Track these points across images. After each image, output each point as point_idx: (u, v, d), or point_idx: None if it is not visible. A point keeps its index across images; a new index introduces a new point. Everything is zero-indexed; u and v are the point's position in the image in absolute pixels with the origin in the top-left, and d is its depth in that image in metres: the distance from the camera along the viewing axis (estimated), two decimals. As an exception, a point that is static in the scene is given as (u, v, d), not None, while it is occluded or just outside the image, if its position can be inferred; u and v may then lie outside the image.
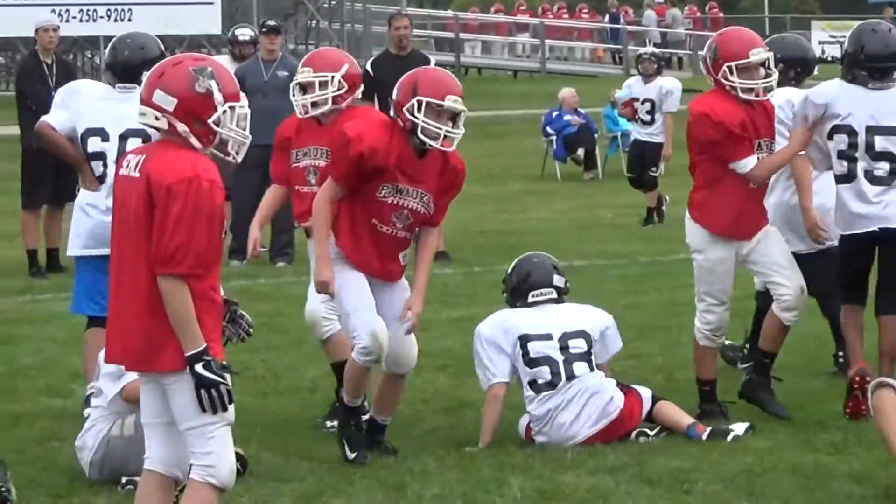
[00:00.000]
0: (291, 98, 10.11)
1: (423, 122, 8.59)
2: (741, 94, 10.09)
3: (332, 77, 9.45)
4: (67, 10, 35.50)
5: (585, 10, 58.46)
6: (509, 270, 10.09)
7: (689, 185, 11.10)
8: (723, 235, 10.23)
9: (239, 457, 8.51)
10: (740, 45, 10.22)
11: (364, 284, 9.02)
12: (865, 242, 10.57)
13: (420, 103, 8.63)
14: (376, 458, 9.48)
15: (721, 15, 61.21)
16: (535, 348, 9.83)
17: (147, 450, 6.96)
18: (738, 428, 9.58)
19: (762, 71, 10.15)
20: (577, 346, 9.94)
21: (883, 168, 10.50)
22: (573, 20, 56.64)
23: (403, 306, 9.12)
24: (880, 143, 10.48)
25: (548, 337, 9.93)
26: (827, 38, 55.76)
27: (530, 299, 10.03)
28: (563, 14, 56.60)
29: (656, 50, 24.28)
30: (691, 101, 10.87)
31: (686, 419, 10.13)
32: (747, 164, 10.04)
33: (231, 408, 6.68)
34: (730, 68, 10.05)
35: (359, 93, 10.22)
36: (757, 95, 10.12)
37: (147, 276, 6.71)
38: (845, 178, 10.50)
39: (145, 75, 8.56)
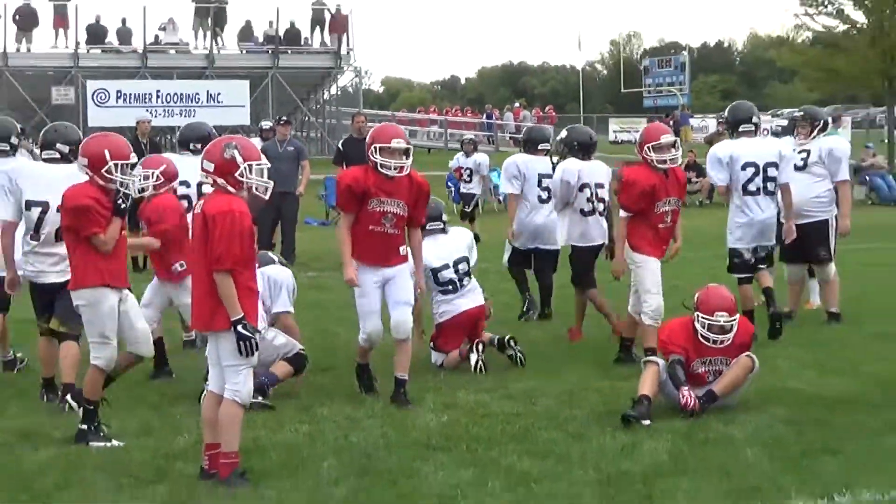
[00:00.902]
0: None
1: (379, 159, 10.81)
2: (657, 166, 12.40)
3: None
4: (155, 109, 47.60)
5: (471, 111, 78.55)
6: None
7: (495, 223, 14.17)
8: (651, 255, 12.48)
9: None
10: (656, 133, 12.58)
11: (374, 294, 11.14)
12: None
13: (376, 148, 10.86)
14: (374, 400, 11.36)
15: (555, 114, 76.88)
16: (442, 276, 13.04)
17: (210, 380, 9.10)
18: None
19: (672, 150, 12.40)
20: (462, 266, 13.26)
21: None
22: (464, 117, 73.69)
23: (413, 286, 11.26)
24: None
25: (446, 267, 13.15)
26: (619, 128, 75.30)
27: (429, 227, 12.65)
28: (458, 113, 75.18)
29: (471, 137, 31.31)
30: (626, 167, 13.33)
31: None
32: (624, 213, 12.52)
33: (256, 355, 8.75)
34: (649, 148, 12.34)
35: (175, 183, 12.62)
36: (664, 164, 12.36)
37: (207, 272, 8.75)
38: None
39: (195, 146, 12.02)
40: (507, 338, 13.06)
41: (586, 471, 9.04)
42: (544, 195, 14.66)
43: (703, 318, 10.78)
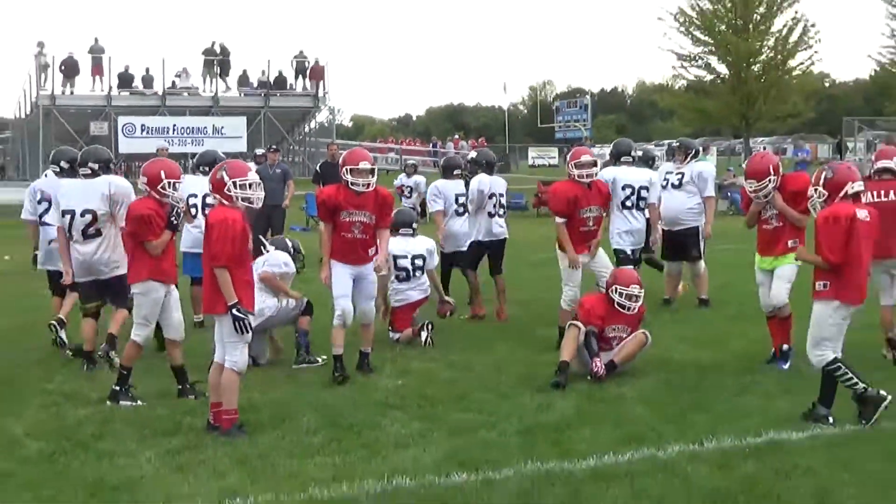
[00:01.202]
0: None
1: (350, 179, 10.71)
2: (578, 179, 12.24)
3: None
4: (171, 139, 48.03)
5: (420, 141, 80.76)
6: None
7: (426, 230, 13.95)
8: (577, 253, 12.23)
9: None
10: (578, 154, 12.39)
11: (346, 281, 10.89)
12: None
13: (347, 170, 10.74)
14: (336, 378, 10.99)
15: (487, 144, 76.01)
16: (399, 263, 12.96)
17: (216, 352, 9.09)
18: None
19: (592, 169, 12.23)
20: (418, 261, 13.32)
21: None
22: (414, 146, 73.94)
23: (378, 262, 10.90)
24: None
25: (405, 257, 13.08)
26: (536, 155, 77.70)
27: (401, 231, 13.26)
28: (410, 143, 76.05)
29: (413, 161, 29.02)
30: (557, 182, 13.12)
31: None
32: (559, 219, 12.28)
33: (249, 333, 8.82)
34: (573, 165, 12.19)
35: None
36: (582, 178, 12.17)
37: (209, 268, 8.87)
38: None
39: (204, 168, 11.94)
40: (427, 322, 13.03)
41: (511, 423, 9.09)
42: (461, 210, 14.65)
43: (620, 289, 10.99)
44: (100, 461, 8.25)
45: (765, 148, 71.60)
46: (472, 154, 15.37)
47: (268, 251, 12.22)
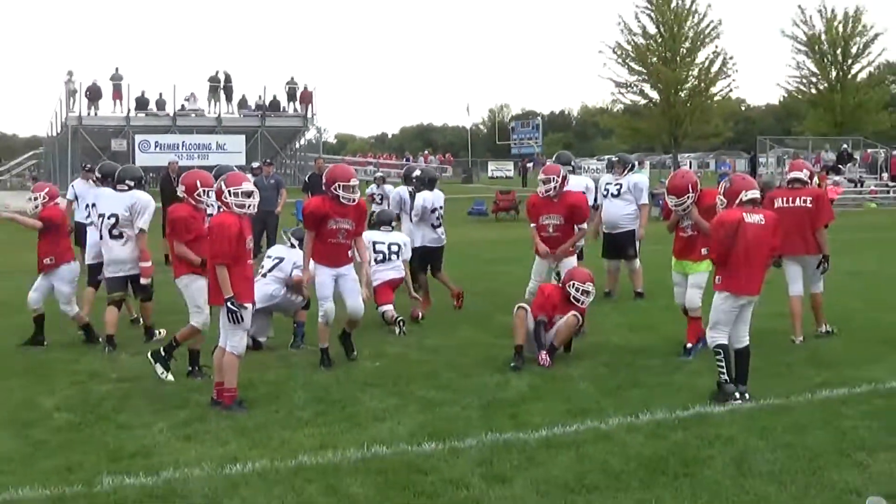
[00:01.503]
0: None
1: (341, 193, 10.33)
2: (539, 192, 12.21)
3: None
4: (181, 154, 47.72)
5: (395, 156, 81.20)
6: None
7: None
8: (538, 252, 12.23)
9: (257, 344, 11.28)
10: (543, 171, 12.25)
11: (330, 284, 10.47)
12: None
13: (339, 185, 10.35)
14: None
15: (452, 159, 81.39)
16: (377, 247, 13.04)
17: (220, 338, 8.98)
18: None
19: (550, 184, 12.03)
20: (394, 248, 13.48)
21: None
22: (389, 160, 73.29)
23: (359, 279, 10.60)
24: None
25: (382, 243, 13.21)
26: (495, 168, 76.67)
27: (381, 228, 13.62)
28: (386, 158, 75.84)
29: (380, 173, 27.24)
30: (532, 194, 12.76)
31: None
32: (532, 224, 12.33)
33: (247, 321, 8.77)
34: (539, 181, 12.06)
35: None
36: (542, 193, 12.12)
37: (211, 264, 8.83)
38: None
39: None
40: (399, 319, 12.90)
41: (472, 399, 9.06)
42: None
43: (578, 285, 10.89)
44: (119, 431, 8.30)
45: (690, 164, 72.50)
46: (417, 172, 15.29)
47: (293, 245, 12.07)
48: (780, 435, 7.70)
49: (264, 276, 11.67)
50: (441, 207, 14.76)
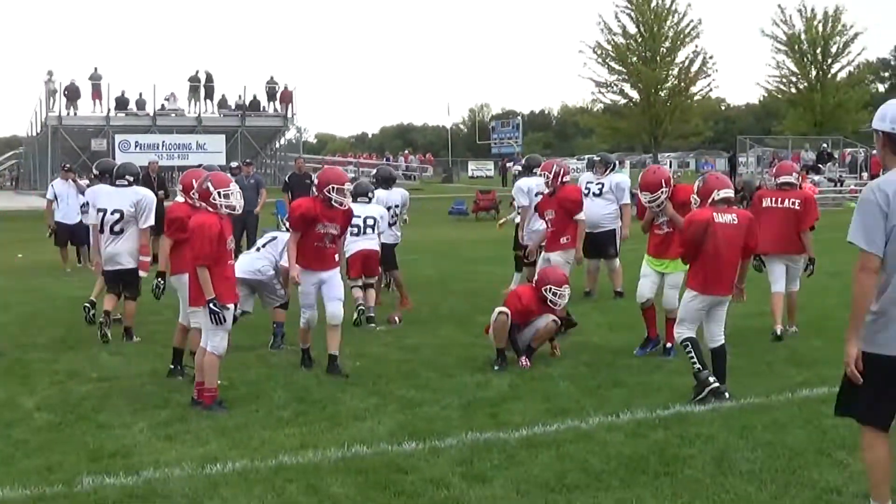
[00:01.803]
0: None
1: (334, 196, 10.16)
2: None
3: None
4: (161, 154, 47.35)
5: (375, 155, 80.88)
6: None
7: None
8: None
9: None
10: (544, 168, 12.88)
11: (313, 291, 10.27)
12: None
13: (332, 188, 10.19)
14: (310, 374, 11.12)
15: (433, 158, 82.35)
16: (354, 221, 11.93)
17: (202, 338, 8.96)
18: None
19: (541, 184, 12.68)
20: (370, 221, 13.48)
21: None
22: (370, 160, 72.67)
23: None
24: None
25: (358, 217, 12.63)
26: (475, 168, 77.70)
27: (357, 200, 12.95)
28: (367, 157, 76.01)
29: (364, 181, 27.87)
30: None
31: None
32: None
33: (228, 322, 8.76)
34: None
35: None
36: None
37: (193, 266, 8.78)
38: None
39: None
40: (360, 306, 13.24)
41: (453, 398, 9.06)
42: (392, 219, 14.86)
43: (554, 289, 10.77)
44: (99, 431, 8.28)
45: (671, 163, 72.64)
46: (374, 171, 15.61)
47: (288, 229, 12.09)
48: (761, 434, 7.71)
49: (258, 250, 11.89)
50: (398, 206, 14.95)
